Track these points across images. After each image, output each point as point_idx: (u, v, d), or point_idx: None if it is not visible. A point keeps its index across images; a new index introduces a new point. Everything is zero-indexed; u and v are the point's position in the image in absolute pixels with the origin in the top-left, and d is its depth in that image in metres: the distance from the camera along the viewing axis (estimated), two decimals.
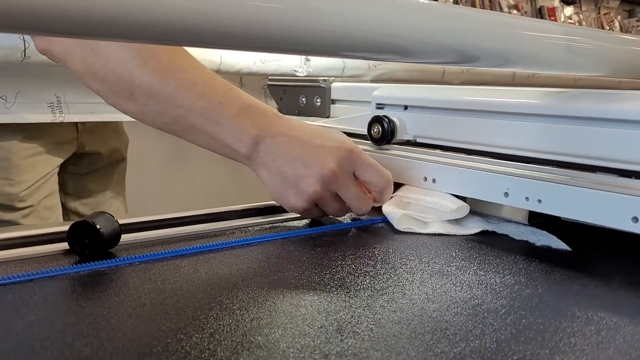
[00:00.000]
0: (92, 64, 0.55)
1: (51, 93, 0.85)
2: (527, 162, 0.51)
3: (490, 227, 0.53)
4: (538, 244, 0.48)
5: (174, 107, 0.54)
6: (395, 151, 0.62)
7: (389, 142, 0.62)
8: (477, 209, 0.57)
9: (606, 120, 0.46)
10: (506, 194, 0.51)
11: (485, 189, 0.53)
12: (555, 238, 0.49)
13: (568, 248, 0.47)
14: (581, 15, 2.29)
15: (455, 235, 0.52)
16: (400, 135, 0.62)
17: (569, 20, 2.21)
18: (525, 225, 0.53)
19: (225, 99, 0.56)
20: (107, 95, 0.57)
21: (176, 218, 0.53)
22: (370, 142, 0.63)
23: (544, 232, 0.50)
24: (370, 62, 1.15)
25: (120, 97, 0.56)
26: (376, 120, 0.62)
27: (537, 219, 0.54)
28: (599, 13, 2.40)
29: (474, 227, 0.53)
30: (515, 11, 2.03)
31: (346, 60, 1.11)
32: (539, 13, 2.12)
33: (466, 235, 0.53)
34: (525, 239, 0.49)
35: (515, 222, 0.54)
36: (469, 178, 0.54)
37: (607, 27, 2.41)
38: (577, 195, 0.46)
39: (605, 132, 0.46)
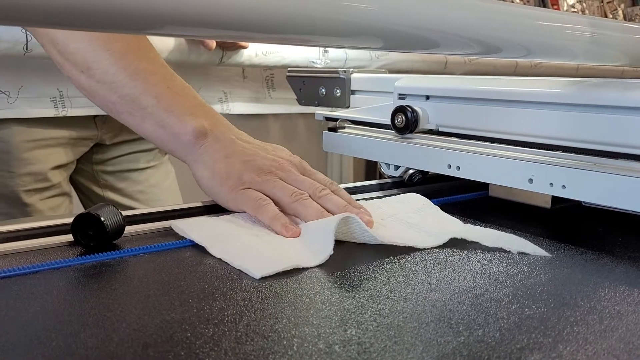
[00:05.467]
0: (54, 37, 0.57)
1: (54, 87, 0.85)
2: (550, 150, 0.52)
3: (459, 235, 0.48)
4: (514, 251, 0.46)
5: (129, 87, 0.55)
6: (419, 140, 0.63)
7: (412, 132, 0.63)
8: (500, 194, 0.61)
9: (627, 108, 0.48)
10: (530, 180, 0.52)
11: (510, 175, 0.54)
12: (531, 244, 0.47)
13: (547, 254, 0.46)
14: (584, 4, 2.27)
15: (425, 248, 0.46)
16: (423, 125, 0.63)
17: (572, 9, 2.19)
18: (500, 231, 0.50)
19: (182, 91, 0.57)
20: (64, 65, 0.58)
21: (179, 209, 0.53)
22: (393, 131, 0.64)
23: (520, 238, 0.48)
24: (373, 53, 1.15)
25: (76, 70, 0.57)
26: (400, 110, 0.63)
27: (559, 204, 0.56)
28: (602, 1, 2.39)
29: (444, 236, 0.48)
30: (518, 0, 2.02)
31: (348, 51, 1.11)
32: (542, 1, 2.11)
33: (435, 246, 0.47)
34: (500, 246, 0.47)
35: (488, 227, 0.52)
36: (494, 165, 0.55)
37: (611, 16, 2.40)
38: (600, 180, 0.47)
39: (626, 120, 0.47)
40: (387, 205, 0.57)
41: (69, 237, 0.45)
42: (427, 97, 0.63)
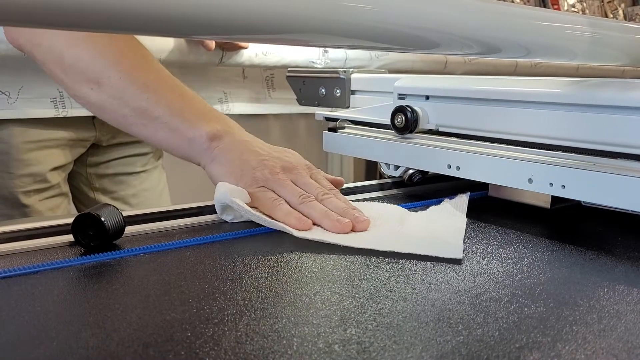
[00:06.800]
0: (60, 56, 0.59)
1: (54, 88, 0.85)
2: (550, 150, 0.52)
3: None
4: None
5: (141, 100, 0.58)
6: (418, 140, 0.63)
7: (412, 132, 0.63)
8: (500, 194, 0.62)
9: (627, 108, 0.48)
10: (530, 180, 0.52)
11: (510, 175, 0.54)
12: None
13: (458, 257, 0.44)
14: (585, 4, 2.27)
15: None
16: (423, 125, 0.63)
17: (572, 9, 2.19)
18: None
19: (192, 99, 0.60)
20: (71, 83, 0.60)
21: (180, 210, 0.54)
22: (393, 131, 0.64)
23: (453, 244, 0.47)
24: (373, 53, 1.15)
25: (85, 87, 0.59)
26: (399, 110, 0.63)
27: (559, 204, 0.57)
28: (602, 1, 2.39)
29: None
30: (518, 0, 2.02)
31: (348, 51, 1.11)
32: (542, 1, 2.11)
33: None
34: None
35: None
36: (493, 165, 0.55)
37: (611, 15, 2.39)
38: (599, 180, 0.47)
39: (625, 120, 0.47)
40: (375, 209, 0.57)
41: (70, 238, 0.45)
42: (427, 97, 0.64)
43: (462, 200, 0.60)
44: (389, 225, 0.53)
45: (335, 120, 0.73)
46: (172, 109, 0.58)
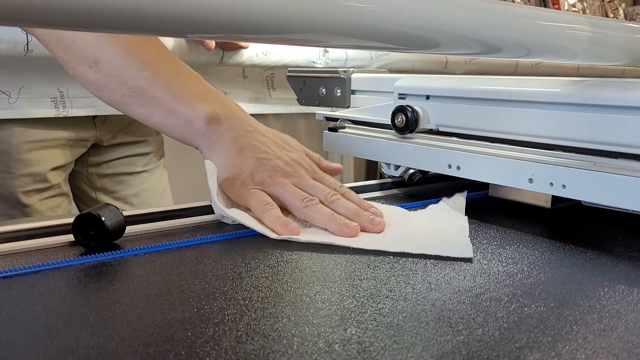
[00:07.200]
0: (60, 34, 0.57)
1: (54, 87, 0.85)
2: (550, 149, 0.52)
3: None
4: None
5: (139, 79, 0.56)
6: (419, 139, 0.63)
7: (412, 131, 0.63)
8: (500, 194, 0.62)
9: (627, 107, 0.48)
10: (530, 180, 0.52)
11: (510, 175, 0.54)
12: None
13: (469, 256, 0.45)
14: (585, 3, 2.27)
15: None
16: (423, 125, 0.63)
17: (573, 8, 2.19)
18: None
19: (192, 79, 0.58)
20: (70, 62, 0.58)
21: (180, 209, 0.54)
22: (393, 131, 0.64)
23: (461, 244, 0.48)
24: (373, 53, 1.15)
25: (84, 65, 0.57)
26: (400, 110, 0.63)
27: (559, 204, 0.57)
28: (602, 1, 2.38)
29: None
30: (519, 0, 2.02)
31: (348, 50, 1.11)
32: (543, 1, 2.11)
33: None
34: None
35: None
36: (494, 165, 0.55)
37: (612, 15, 2.39)
38: (600, 180, 0.47)
39: (626, 120, 0.47)
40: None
41: (70, 237, 0.45)
42: (428, 97, 0.64)
43: (460, 199, 0.60)
44: (394, 226, 0.52)
45: (336, 120, 0.73)
46: (170, 89, 0.56)
